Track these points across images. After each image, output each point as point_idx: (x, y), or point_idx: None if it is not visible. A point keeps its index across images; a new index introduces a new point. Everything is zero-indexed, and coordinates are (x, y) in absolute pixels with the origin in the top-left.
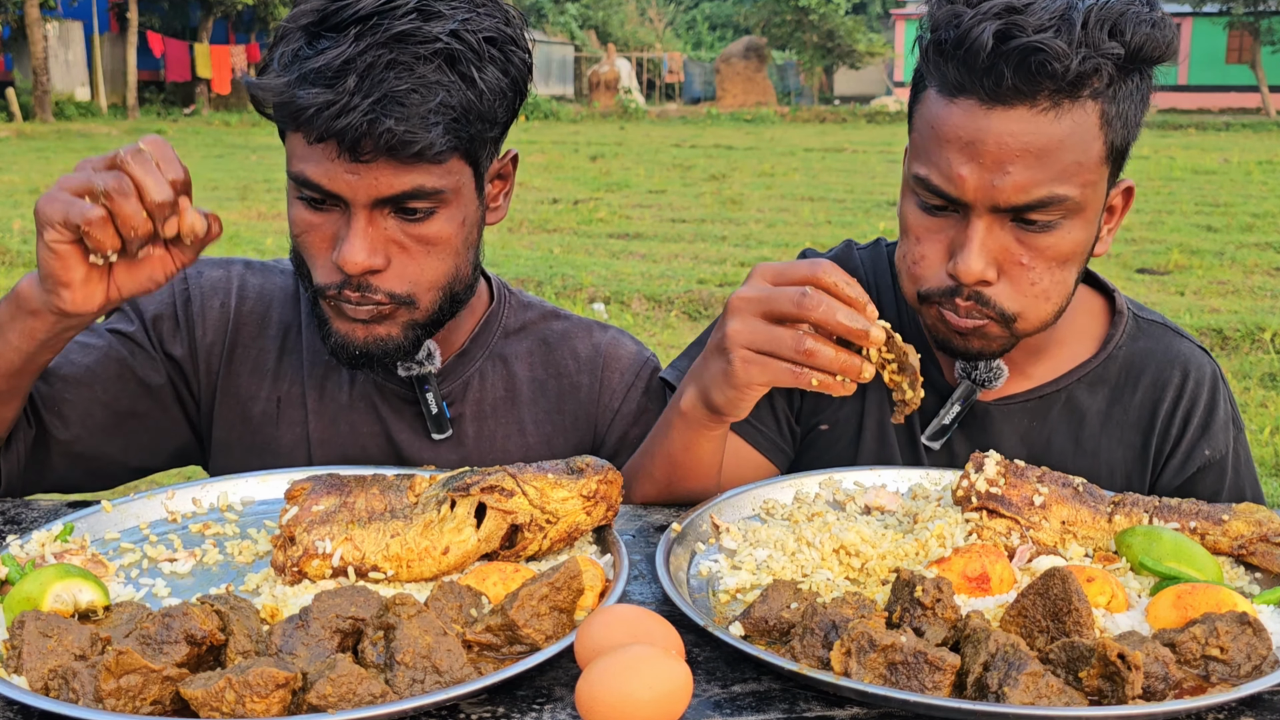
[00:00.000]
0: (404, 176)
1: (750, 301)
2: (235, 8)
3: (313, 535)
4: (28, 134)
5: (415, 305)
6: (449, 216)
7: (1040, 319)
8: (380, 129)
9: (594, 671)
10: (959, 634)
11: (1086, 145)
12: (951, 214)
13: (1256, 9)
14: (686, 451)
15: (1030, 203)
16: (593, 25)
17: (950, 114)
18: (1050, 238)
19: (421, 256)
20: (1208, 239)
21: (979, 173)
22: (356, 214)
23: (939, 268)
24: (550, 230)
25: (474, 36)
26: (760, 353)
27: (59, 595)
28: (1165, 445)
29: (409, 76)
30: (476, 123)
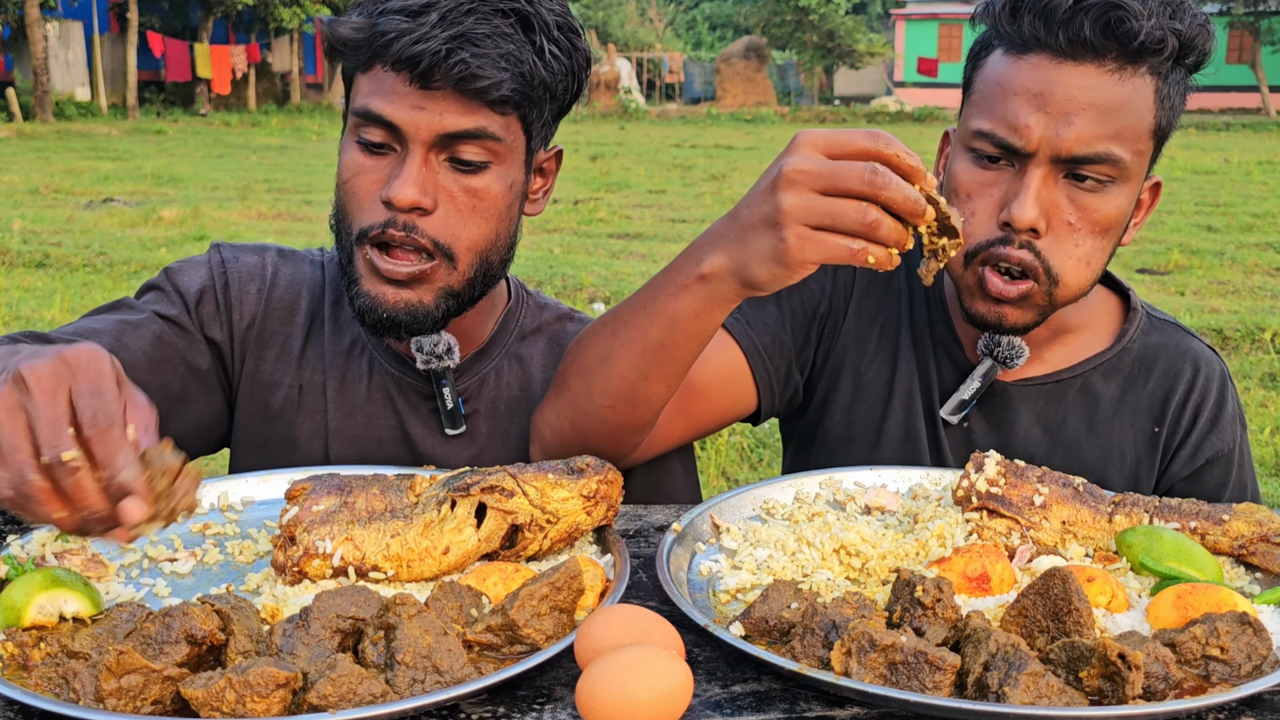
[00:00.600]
0: (468, 116)
1: (809, 175)
2: (235, 8)
3: (313, 535)
4: (28, 134)
5: (454, 263)
6: (499, 175)
7: (1078, 286)
8: (455, 59)
9: (594, 671)
10: (959, 634)
11: (1141, 114)
12: (1006, 168)
13: (1256, 9)
14: (696, 319)
15: (1089, 155)
16: (593, 25)
17: (1019, 68)
18: (1098, 199)
19: (467, 210)
20: (1208, 239)
21: (1045, 121)
22: (414, 151)
23: (989, 221)
24: (550, 230)
25: (548, 13)
26: (818, 229)
27: (42, 606)
28: (1176, 434)
29: (486, 24)
30: (539, 88)
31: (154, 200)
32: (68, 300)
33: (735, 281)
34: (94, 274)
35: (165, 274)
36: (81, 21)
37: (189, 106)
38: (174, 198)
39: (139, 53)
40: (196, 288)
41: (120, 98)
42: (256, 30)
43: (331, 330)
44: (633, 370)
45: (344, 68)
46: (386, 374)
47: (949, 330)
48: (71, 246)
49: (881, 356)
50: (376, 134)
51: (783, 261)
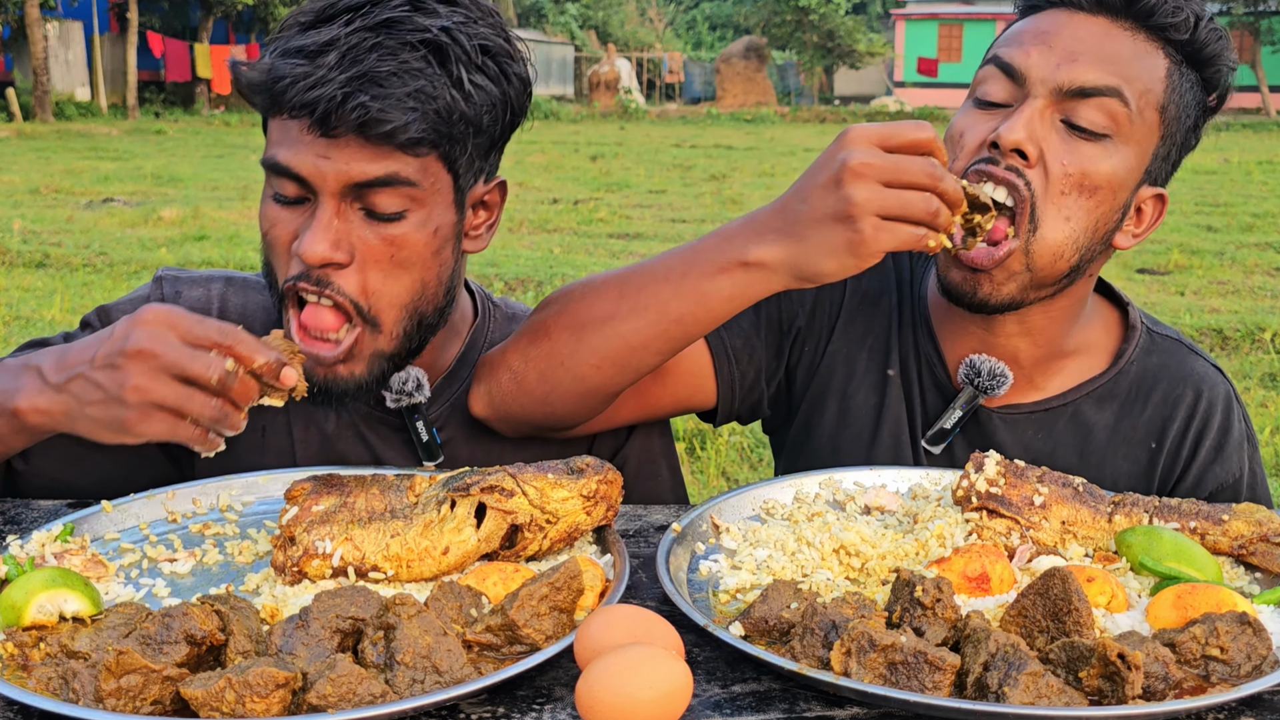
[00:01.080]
0: (375, 162)
1: (875, 169)
2: (235, 8)
3: (313, 535)
4: (28, 134)
5: (378, 326)
6: (420, 221)
7: (1055, 242)
8: (353, 103)
9: (594, 671)
10: (959, 634)
11: (1151, 77)
12: (1004, 109)
13: (1256, 9)
14: (729, 302)
15: (1091, 86)
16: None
17: (1034, 18)
18: (1093, 148)
19: (386, 261)
20: (1208, 239)
21: (1047, 54)
22: (323, 203)
23: (980, 145)
24: (550, 230)
25: (467, 40)
26: (889, 218)
27: (42, 605)
28: (1175, 466)
29: (391, 60)
30: (459, 123)
31: (154, 200)
32: (68, 300)
33: (788, 274)
34: (94, 274)
35: (99, 312)
36: (81, 21)
37: (189, 106)
38: (174, 198)
39: (139, 53)
40: None
41: (120, 98)
42: (256, 30)
43: None
44: (637, 336)
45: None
46: (355, 408)
47: (934, 349)
48: (71, 246)
49: (870, 380)
50: (288, 186)
51: (857, 253)
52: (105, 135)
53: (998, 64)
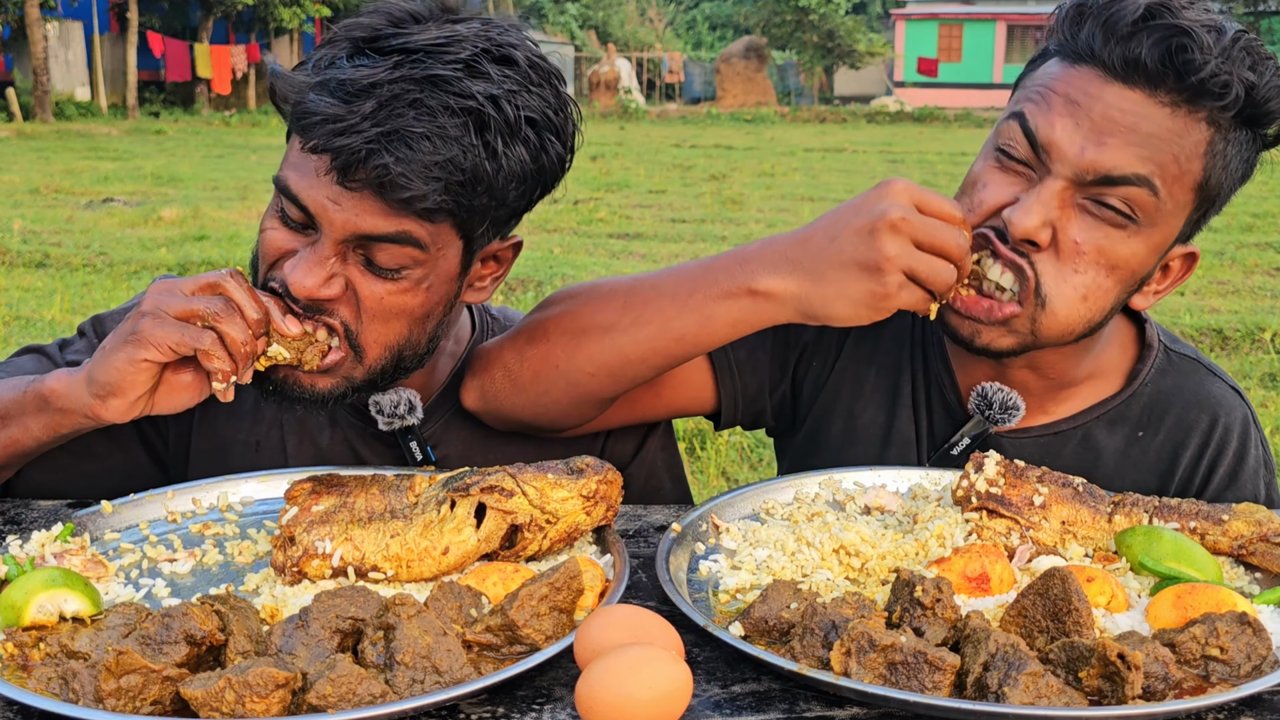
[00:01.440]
0: (386, 219)
1: (914, 227)
2: (235, 8)
3: (313, 535)
4: (28, 134)
5: (360, 357)
6: (417, 280)
7: (1067, 321)
8: (376, 161)
9: (594, 671)
10: (959, 634)
11: (1187, 157)
12: (1028, 173)
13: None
14: (732, 327)
15: (1117, 175)
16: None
17: (1069, 74)
18: (1116, 233)
19: (375, 308)
20: (1208, 239)
21: (1074, 132)
22: (323, 241)
23: (993, 211)
24: (550, 230)
25: (514, 110)
26: (915, 280)
27: (42, 605)
28: (1187, 492)
29: (428, 121)
30: (482, 195)
31: (154, 200)
32: (68, 300)
33: (796, 309)
34: (94, 274)
35: (94, 321)
36: (81, 21)
37: (189, 106)
38: (174, 198)
39: (139, 53)
40: None
41: (120, 98)
42: (256, 30)
43: None
44: (636, 348)
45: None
46: (349, 426)
47: (946, 370)
48: (71, 246)
49: (877, 399)
50: (294, 211)
51: (874, 305)
52: (105, 135)
53: (1022, 125)
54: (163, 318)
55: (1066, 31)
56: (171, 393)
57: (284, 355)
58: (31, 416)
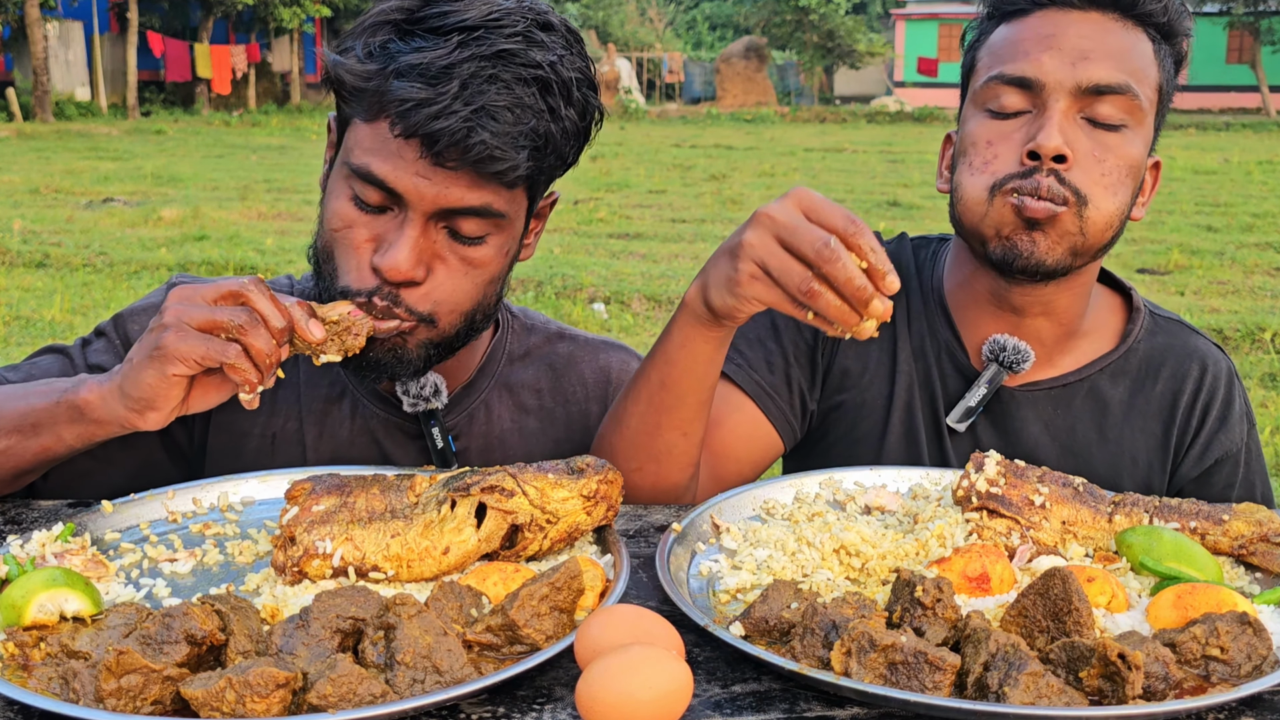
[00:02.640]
0: (475, 192)
1: (775, 222)
2: (235, 8)
3: (313, 535)
4: (28, 134)
5: (435, 325)
6: (498, 245)
7: (1107, 214)
8: (475, 139)
9: (594, 671)
10: (959, 634)
11: (1147, 62)
12: (1024, 116)
13: (1256, 9)
14: (683, 349)
15: (1110, 84)
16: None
17: (1026, 23)
18: (1117, 137)
19: (460, 278)
20: (1208, 239)
21: (1059, 57)
22: (413, 220)
23: (1012, 157)
24: (550, 230)
25: (567, 72)
26: (768, 274)
27: (43, 605)
28: (1186, 436)
29: (508, 95)
30: (552, 156)
31: (154, 200)
32: (68, 300)
33: (703, 304)
34: (94, 274)
35: (115, 321)
36: (81, 21)
37: (189, 106)
38: (174, 198)
39: (139, 53)
40: None
41: (120, 98)
42: (256, 30)
43: (307, 375)
44: (643, 423)
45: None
46: (371, 416)
47: (953, 334)
48: (71, 246)
49: (881, 371)
50: (373, 195)
51: (733, 292)
52: (105, 135)
53: (1006, 81)
54: (186, 331)
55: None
56: (205, 393)
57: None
58: (65, 426)
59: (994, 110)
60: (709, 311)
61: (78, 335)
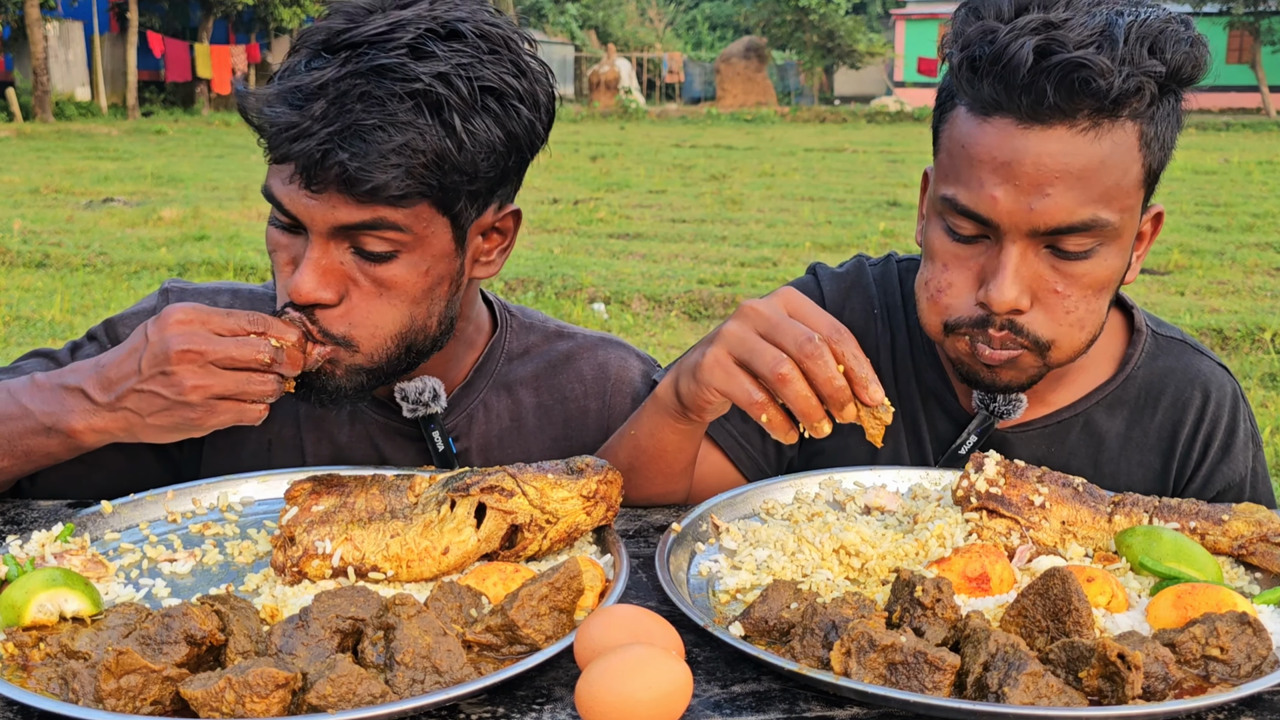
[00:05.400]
0: (360, 210)
1: (759, 316)
2: (235, 8)
3: (313, 535)
4: (28, 134)
5: (355, 349)
6: (410, 263)
7: (1074, 347)
8: (332, 160)
9: (594, 671)
10: (959, 634)
11: (1125, 167)
12: (982, 240)
13: (1256, 9)
14: (650, 437)
15: (1069, 225)
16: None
17: (984, 134)
18: (1086, 265)
19: (374, 299)
20: (1208, 239)
21: (1015, 195)
22: (313, 241)
23: (967, 296)
24: (550, 230)
25: (467, 84)
26: (736, 362)
27: (43, 605)
28: (1186, 468)
29: (378, 112)
30: (451, 173)
31: (154, 200)
32: (68, 300)
33: (673, 394)
34: (94, 274)
35: (106, 325)
36: (81, 21)
37: (189, 106)
38: (174, 198)
39: (139, 53)
40: None
41: (120, 98)
42: (256, 30)
43: None
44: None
45: None
46: (370, 421)
47: (940, 377)
48: (71, 246)
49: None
50: (284, 216)
51: (696, 377)
52: (105, 135)
53: (960, 211)
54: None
55: (966, 85)
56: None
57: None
58: (54, 445)
59: (951, 229)
60: (677, 401)
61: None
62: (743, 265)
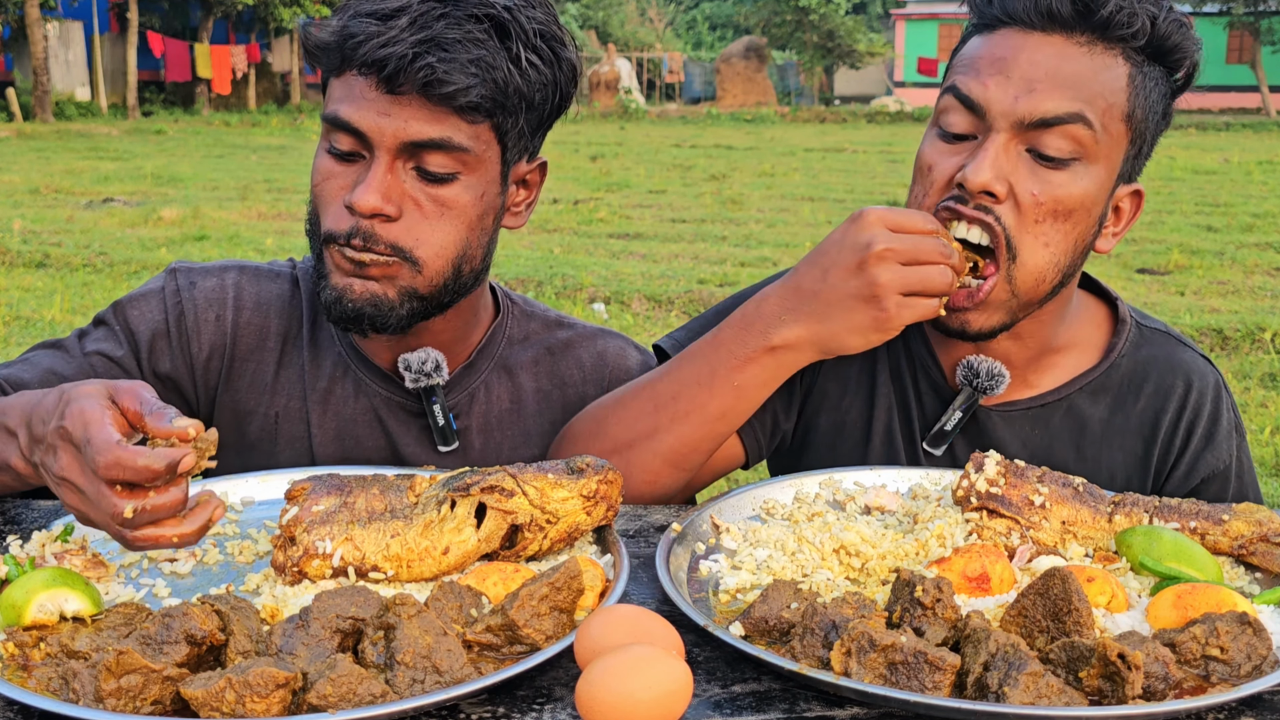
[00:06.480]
0: (434, 124)
1: (897, 252)
2: (235, 8)
3: (313, 535)
4: (28, 134)
5: (418, 267)
6: (468, 185)
7: (1037, 269)
8: (420, 64)
9: (594, 671)
10: (959, 634)
11: (1113, 90)
12: (969, 140)
13: (1256, 9)
14: (764, 387)
15: (1053, 117)
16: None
17: (989, 40)
18: (1063, 174)
19: (435, 217)
20: (1208, 239)
21: (1005, 85)
22: (379, 158)
23: (948, 183)
24: (550, 230)
25: (528, 21)
26: (911, 294)
27: (43, 605)
28: (1169, 455)
29: (457, 29)
30: (514, 96)
31: (154, 200)
32: (68, 300)
33: (815, 350)
34: (94, 274)
35: (115, 309)
36: (81, 21)
37: (189, 106)
38: (174, 198)
39: (139, 53)
40: (147, 326)
41: (120, 98)
42: (256, 30)
43: (310, 355)
44: (685, 443)
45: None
46: (374, 394)
47: (929, 354)
48: (71, 246)
49: (861, 393)
50: (345, 141)
51: (883, 328)
52: (105, 135)
53: (956, 95)
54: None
55: (979, 4)
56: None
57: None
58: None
59: (943, 130)
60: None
61: None
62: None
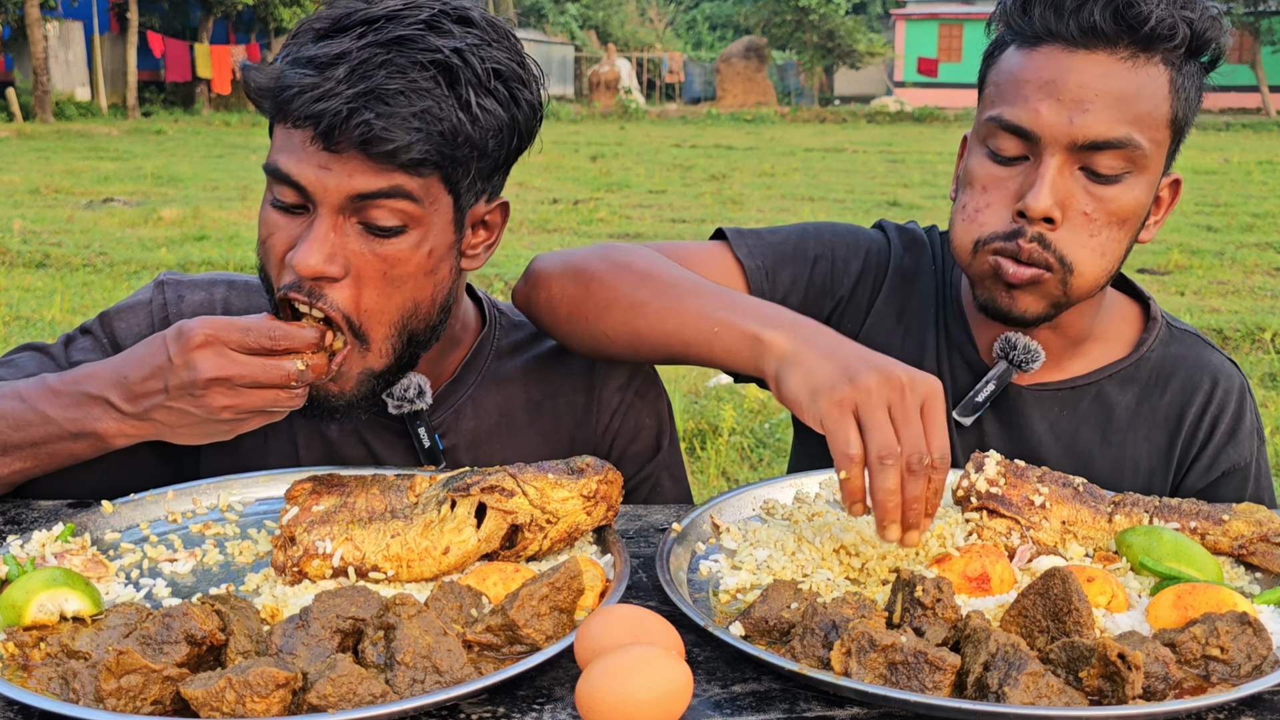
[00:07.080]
0: (378, 177)
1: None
2: (235, 8)
3: (313, 535)
4: (28, 134)
5: (367, 344)
6: (416, 239)
7: (1093, 277)
8: (358, 119)
9: (594, 671)
10: (959, 634)
11: (1157, 102)
12: (1022, 163)
13: (1256, 9)
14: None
15: (1106, 140)
16: (593, 25)
17: (1032, 59)
18: (1115, 189)
19: (378, 278)
20: (1208, 239)
21: (1057, 109)
22: (321, 215)
23: (1003, 212)
24: (550, 230)
25: (480, 63)
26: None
27: (43, 605)
28: (1191, 447)
29: (400, 78)
30: (463, 146)
31: (154, 200)
32: (68, 300)
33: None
34: (94, 274)
35: (101, 320)
36: (81, 21)
37: (189, 106)
38: (174, 198)
39: (139, 53)
40: (133, 339)
41: (120, 98)
42: (256, 30)
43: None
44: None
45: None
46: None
47: (964, 331)
48: (71, 246)
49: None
50: (288, 194)
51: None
52: (105, 135)
53: (1004, 126)
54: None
55: (1017, 18)
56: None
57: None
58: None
59: (993, 151)
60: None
61: None
62: None
